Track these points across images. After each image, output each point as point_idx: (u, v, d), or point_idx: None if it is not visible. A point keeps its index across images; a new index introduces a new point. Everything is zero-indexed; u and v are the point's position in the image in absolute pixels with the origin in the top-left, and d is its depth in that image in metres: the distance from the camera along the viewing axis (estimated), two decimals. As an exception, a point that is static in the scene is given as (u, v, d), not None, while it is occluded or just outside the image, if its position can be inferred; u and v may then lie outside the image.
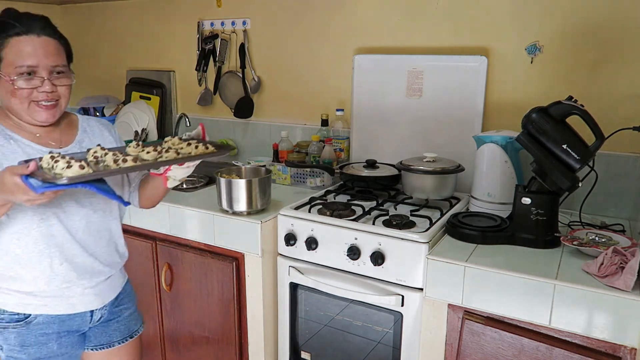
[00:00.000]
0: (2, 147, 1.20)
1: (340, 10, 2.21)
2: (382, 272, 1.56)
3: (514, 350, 1.35)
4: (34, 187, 1.00)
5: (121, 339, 1.48)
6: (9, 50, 1.19)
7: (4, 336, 1.28)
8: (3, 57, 1.19)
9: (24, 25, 1.20)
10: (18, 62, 1.18)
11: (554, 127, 1.43)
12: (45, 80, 1.21)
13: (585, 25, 1.74)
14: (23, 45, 1.19)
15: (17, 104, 1.21)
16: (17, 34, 1.19)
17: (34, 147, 1.24)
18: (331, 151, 2.13)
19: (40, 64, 1.20)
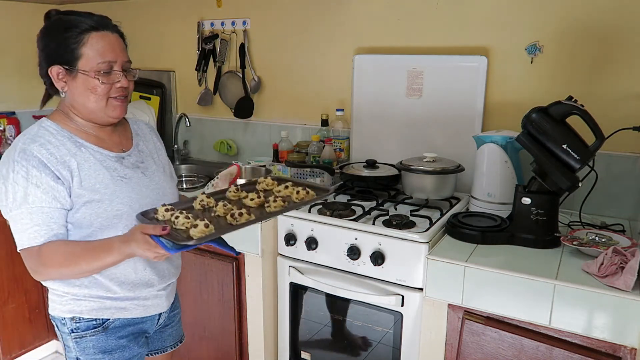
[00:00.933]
0: (76, 156, 1.17)
1: (340, 10, 2.21)
2: (382, 272, 1.56)
3: (514, 350, 1.35)
4: (168, 248, 1.05)
5: (173, 344, 1.47)
6: (89, 46, 1.17)
7: (82, 346, 1.24)
8: (83, 53, 1.17)
9: (96, 21, 1.21)
10: (100, 58, 1.17)
11: (554, 127, 1.43)
12: (122, 75, 1.21)
13: (585, 25, 1.74)
14: (103, 41, 1.19)
15: (95, 102, 1.19)
16: (96, 29, 1.19)
17: (103, 152, 1.22)
18: (331, 151, 2.13)
19: (117, 59, 1.20)
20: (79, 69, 1.17)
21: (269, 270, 1.82)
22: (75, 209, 1.16)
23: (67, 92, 1.20)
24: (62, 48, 1.17)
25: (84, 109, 1.21)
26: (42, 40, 1.20)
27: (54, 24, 1.20)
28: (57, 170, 1.13)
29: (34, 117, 3.02)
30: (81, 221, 1.16)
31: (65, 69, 1.17)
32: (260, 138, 2.55)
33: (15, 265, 2.41)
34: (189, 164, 2.68)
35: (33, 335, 2.55)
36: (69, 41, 1.16)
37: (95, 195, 1.17)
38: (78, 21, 1.18)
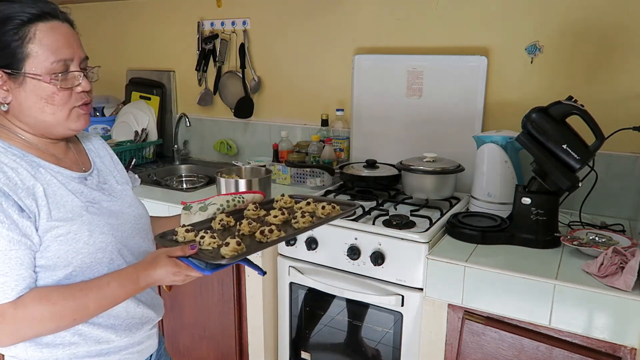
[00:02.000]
0: (38, 179, 0.93)
1: (340, 10, 2.21)
2: (382, 272, 1.56)
3: (514, 350, 1.35)
4: (202, 269, 0.95)
5: None
6: (37, 42, 0.90)
7: None
8: (30, 52, 0.90)
9: (41, 8, 0.92)
10: (53, 56, 0.92)
11: (554, 127, 1.43)
12: (82, 77, 0.96)
13: (585, 25, 1.74)
14: (54, 34, 0.92)
15: (53, 113, 0.94)
16: (41, 18, 0.92)
17: (64, 173, 0.98)
18: (331, 151, 2.13)
19: (74, 56, 0.95)
20: (26, 73, 0.90)
21: (269, 270, 1.82)
22: (44, 248, 0.91)
23: (10, 102, 0.93)
24: (4, 42, 0.89)
25: (36, 123, 0.95)
26: None
27: (9, 1, 0.91)
28: (20, 199, 0.88)
29: None
30: (55, 262, 0.92)
31: (6, 74, 0.91)
32: (260, 138, 2.55)
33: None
34: (189, 164, 2.68)
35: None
36: (8, 37, 0.89)
37: (72, 227, 0.93)
38: (14, 10, 0.90)
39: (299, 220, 1.15)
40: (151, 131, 2.67)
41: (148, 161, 2.67)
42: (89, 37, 3.15)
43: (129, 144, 2.57)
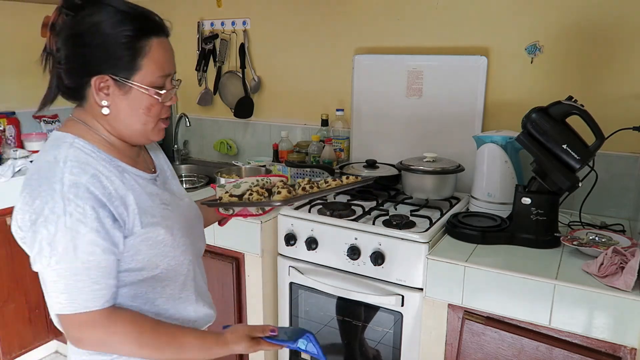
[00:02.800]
0: (127, 186, 0.94)
1: (340, 10, 2.21)
2: (382, 272, 1.56)
3: (514, 350, 1.35)
4: (291, 343, 1.05)
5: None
6: (151, 56, 0.94)
7: None
8: (142, 65, 0.93)
9: (159, 22, 0.98)
10: (160, 71, 0.95)
11: (554, 127, 1.43)
12: (174, 92, 1.01)
13: (585, 25, 1.74)
14: (164, 50, 0.97)
15: (145, 123, 0.97)
16: (158, 33, 0.96)
17: (142, 175, 1.00)
18: (331, 151, 2.13)
19: (172, 71, 1.00)
20: (134, 83, 0.93)
21: (269, 271, 1.82)
22: (135, 252, 0.94)
23: (110, 107, 0.94)
24: (114, 53, 0.91)
25: (125, 129, 0.97)
26: (80, 36, 0.91)
27: (105, 14, 0.91)
28: (115, 209, 0.90)
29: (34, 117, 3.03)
30: (144, 265, 0.96)
31: (113, 80, 0.92)
32: (260, 138, 2.55)
33: (15, 265, 2.41)
34: (189, 164, 2.68)
35: (33, 335, 2.55)
36: (127, 45, 0.91)
37: (160, 231, 0.96)
38: (138, 16, 0.94)
39: (330, 184, 1.25)
40: (151, 131, 2.67)
41: (148, 161, 2.67)
42: (89, 37, 3.14)
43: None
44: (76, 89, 0.95)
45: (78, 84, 0.94)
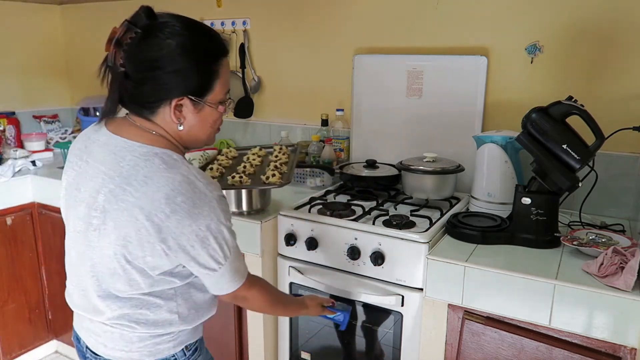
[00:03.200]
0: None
1: (340, 10, 2.21)
2: (382, 272, 1.56)
3: (514, 350, 1.35)
4: (342, 311, 1.51)
5: None
6: (221, 76, 1.03)
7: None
8: (215, 85, 1.02)
9: (226, 44, 1.08)
10: (225, 88, 1.05)
11: (554, 127, 1.43)
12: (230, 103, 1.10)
13: (586, 25, 1.74)
14: (228, 69, 1.07)
15: (209, 135, 1.08)
16: (225, 54, 1.06)
17: None
18: (331, 151, 2.13)
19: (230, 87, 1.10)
20: (207, 102, 1.02)
21: (269, 271, 1.82)
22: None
23: (183, 123, 1.02)
24: (193, 77, 0.99)
25: (190, 139, 1.06)
26: (156, 61, 0.95)
27: (180, 38, 0.96)
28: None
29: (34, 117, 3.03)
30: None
31: (190, 100, 1.00)
32: (260, 138, 2.55)
33: (15, 265, 2.41)
34: (189, 164, 2.67)
35: (33, 335, 2.55)
36: (204, 69, 1.00)
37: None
38: (211, 40, 1.03)
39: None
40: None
41: (148, 161, 2.67)
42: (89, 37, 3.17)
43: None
44: (150, 107, 1.00)
45: (153, 104, 0.99)
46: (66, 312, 2.48)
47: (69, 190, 1.07)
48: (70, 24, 3.11)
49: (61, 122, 3.15)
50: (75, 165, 1.06)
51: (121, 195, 0.95)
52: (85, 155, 1.04)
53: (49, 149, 2.79)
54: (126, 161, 0.97)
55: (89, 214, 1.00)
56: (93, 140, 1.05)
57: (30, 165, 2.46)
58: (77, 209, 1.03)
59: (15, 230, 2.38)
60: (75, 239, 1.06)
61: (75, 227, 1.05)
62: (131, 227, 0.95)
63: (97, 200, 0.98)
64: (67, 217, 1.09)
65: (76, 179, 1.04)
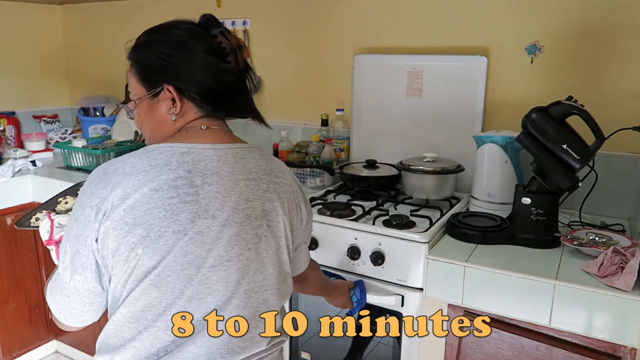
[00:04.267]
0: None
1: (340, 10, 2.21)
2: (382, 272, 1.56)
3: (514, 350, 1.35)
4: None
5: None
6: None
7: None
8: None
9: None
10: None
11: (554, 127, 1.43)
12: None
13: (586, 25, 1.74)
14: None
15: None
16: None
17: None
18: (331, 151, 2.13)
19: None
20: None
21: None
22: None
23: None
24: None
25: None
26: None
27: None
28: None
29: (34, 117, 3.03)
30: None
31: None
32: (260, 138, 2.55)
33: (15, 265, 2.41)
34: (189, 164, 2.67)
35: (33, 335, 2.55)
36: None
37: None
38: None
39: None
40: (151, 131, 2.67)
41: (148, 161, 2.67)
42: (89, 37, 3.17)
43: (129, 144, 2.57)
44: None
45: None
46: (66, 312, 2.48)
47: (187, 227, 0.88)
48: (70, 24, 3.11)
49: (61, 122, 3.15)
50: (185, 196, 0.88)
51: (278, 189, 1.00)
52: (199, 178, 0.90)
53: (49, 149, 2.79)
54: (256, 159, 1.01)
55: (250, 227, 0.93)
56: (196, 161, 0.92)
57: (30, 165, 2.46)
58: (222, 236, 0.90)
59: (15, 230, 2.38)
60: (231, 270, 0.92)
61: (230, 255, 0.91)
62: (295, 215, 1.03)
63: (253, 207, 0.94)
64: (198, 258, 0.90)
65: (201, 208, 0.89)
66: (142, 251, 0.86)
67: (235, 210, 0.92)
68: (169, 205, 0.87)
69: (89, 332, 1.32)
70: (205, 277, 0.90)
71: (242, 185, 0.94)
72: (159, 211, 0.86)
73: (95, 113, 2.89)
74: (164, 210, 0.86)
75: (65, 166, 2.52)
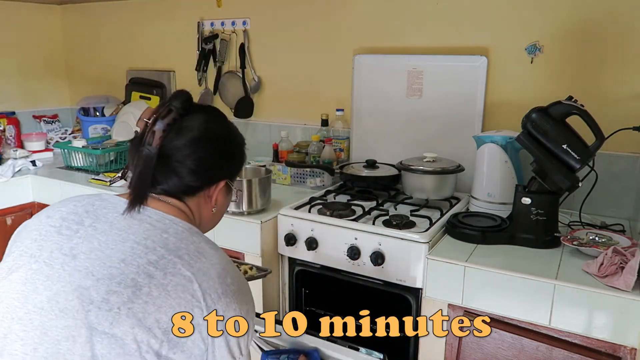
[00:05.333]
0: None
1: (340, 10, 2.21)
2: (382, 272, 1.56)
3: (514, 350, 1.35)
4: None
5: None
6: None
7: None
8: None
9: None
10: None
11: (554, 127, 1.43)
12: None
13: (586, 25, 1.74)
14: None
15: (219, 221, 1.10)
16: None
17: None
18: (331, 151, 2.13)
19: None
20: (235, 187, 1.05)
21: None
22: None
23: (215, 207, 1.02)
24: (240, 158, 1.04)
25: (208, 225, 1.05)
26: (227, 139, 1.01)
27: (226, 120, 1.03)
28: None
29: (34, 117, 3.03)
30: None
31: (226, 185, 1.02)
32: (260, 138, 2.55)
33: (15, 265, 2.41)
34: (189, 164, 2.67)
35: (33, 335, 2.54)
36: (244, 151, 1.05)
37: None
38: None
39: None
40: (151, 131, 2.67)
41: (148, 161, 2.67)
42: (89, 37, 3.16)
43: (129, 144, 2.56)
44: (193, 189, 0.96)
45: (198, 187, 0.96)
46: (66, 312, 2.48)
47: (46, 254, 0.84)
48: (70, 24, 3.11)
49: (61, 122, 3.15)
50: (64, 229, 0.87)
51: (170, 269, 0.82)
52: (90, 220, 0.88)
53: (49, 149, 2.79)
54: (170, 233, 0.87)
55: (100, 288, 0.79)
56: (102, 207, 0.91)
57: (30, 165, 2.46)
58: (64, 278, 0.81)
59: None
60: (39, 319, 0.79)
61: (53, 302, 0.79)
62: (182, 306, 0.80)
63: (123, 272, 0.80)
64: (24, 285, 0.82)
65: (68, 244, 0.84)
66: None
67: (102, 261, 0.82)
68: (45, 230, 0.87)
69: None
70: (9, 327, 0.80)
71: (131, 244, 0.84)
72: (35, 233, 0.87)
73: (95, 113, 2.89)
74: (38, 233, 0.87)
75: (65, 166, 2.52)
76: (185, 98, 0.95)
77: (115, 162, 2.46)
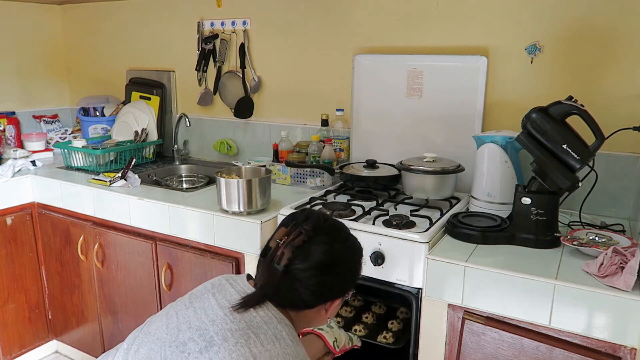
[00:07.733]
0: None
1: (341, 10, 2.21)
2: (382, 272, 1.56)
3: (514, 350, 1.35)
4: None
5: None
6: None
7: None
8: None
9: None
10: None
11: (554, 127, 1.43)
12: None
13: (585, 25, 1.74)
14: None
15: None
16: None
17: None
18: (331, 151, 2.13)
19: None
20: (346, 296, 1.13)
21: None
22: None
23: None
24: (359, 273, 1.12)
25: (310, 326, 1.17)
26: (351, 259, 1.11)
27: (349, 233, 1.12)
28: None
29: (34, 117, 3.03)
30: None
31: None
32: (260, 138, 2.55)
33: (15, 265, 2.41)
34: (189, 164, 2.68)
35: (33, 335, 2.55)
36: (361, 265, 1.13)
37: None
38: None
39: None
40: (151, 131, 2.67)
41: (148, 161, 2.67)
42: (89, 37, 3.17)
43: (129, 144, 2.57)
44: (312, 304, 1.05)
45: (316, 303, 1.05)
46: (66, 312, 2.48)
47: (184, 301, 1.05)
48: (70, 24, 3.11)
49: (61, 122, 3.15)
50: (202, 292, 1.06)
51: (242, 340, 0.89)
52: (216, 290, 1.04)
53: (49, 149, 2.79)
54: (260, 314, 0.95)
55: (186, 334, 0.94)
56: (228, 285, 1.05)
57: (30, 165, 2.46)
58: (180, 318, 1.00)
59: (15, 230, 2.38)
60: (161, 345, 0.96)
61: (163, 335, 0.97)
62: None
63: (207, 328, 0.93)
64: (167, 322, 1.00)
65: (195, 301, 1.04)
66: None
67: (200, 317, 0.97)
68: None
69: (89, 332, 1.33)
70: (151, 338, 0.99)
71: (224, 311, 0.96)
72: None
73: (95, 113, 2.89)
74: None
75: (65, 166, 2.52)
76: (316, 221, 1.03)
77: (115, 162, 2.46)
